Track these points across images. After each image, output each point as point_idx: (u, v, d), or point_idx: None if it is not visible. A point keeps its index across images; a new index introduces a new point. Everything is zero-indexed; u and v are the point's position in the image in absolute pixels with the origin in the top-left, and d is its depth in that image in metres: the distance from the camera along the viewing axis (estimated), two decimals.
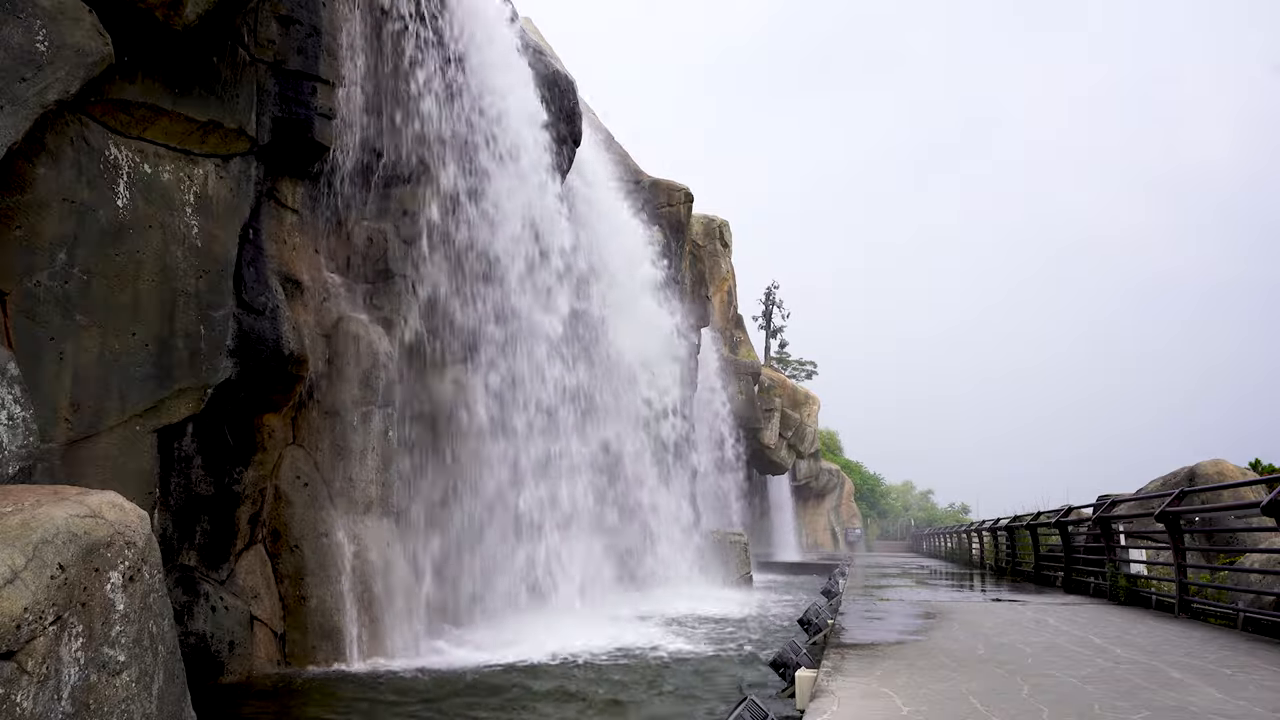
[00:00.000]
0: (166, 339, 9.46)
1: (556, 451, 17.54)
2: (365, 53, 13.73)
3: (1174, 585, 11.56)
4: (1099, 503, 15.66)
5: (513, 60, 17.47)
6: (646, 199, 28.01)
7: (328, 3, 11.83)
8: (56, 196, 8.47)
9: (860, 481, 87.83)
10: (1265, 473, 15.27)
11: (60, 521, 5.35)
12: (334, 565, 11.53)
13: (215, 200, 10.24)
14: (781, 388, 52.98)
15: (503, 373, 15.91)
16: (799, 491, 63.55)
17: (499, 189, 16.04)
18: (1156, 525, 12.00)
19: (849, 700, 5.60)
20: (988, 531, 27.32)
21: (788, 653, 8.82)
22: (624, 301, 24.07)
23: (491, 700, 9.36)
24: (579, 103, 19.87)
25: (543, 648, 12.58)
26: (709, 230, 39.19)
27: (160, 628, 6.00)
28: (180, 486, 10.20)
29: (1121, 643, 8.47)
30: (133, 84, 9.23)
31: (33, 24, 7.60)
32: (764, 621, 17.30)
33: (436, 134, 14.93)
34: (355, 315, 12.95)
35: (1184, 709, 5.41)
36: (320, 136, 11.60)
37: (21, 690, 4.77)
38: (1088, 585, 15.59)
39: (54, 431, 8.31)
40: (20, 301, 8.14)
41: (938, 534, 52.13)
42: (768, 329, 73.41)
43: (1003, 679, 6.42)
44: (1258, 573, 10.48)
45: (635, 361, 24.50)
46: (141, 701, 5.65)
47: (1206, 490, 12.06)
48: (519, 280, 16.36)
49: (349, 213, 13.60)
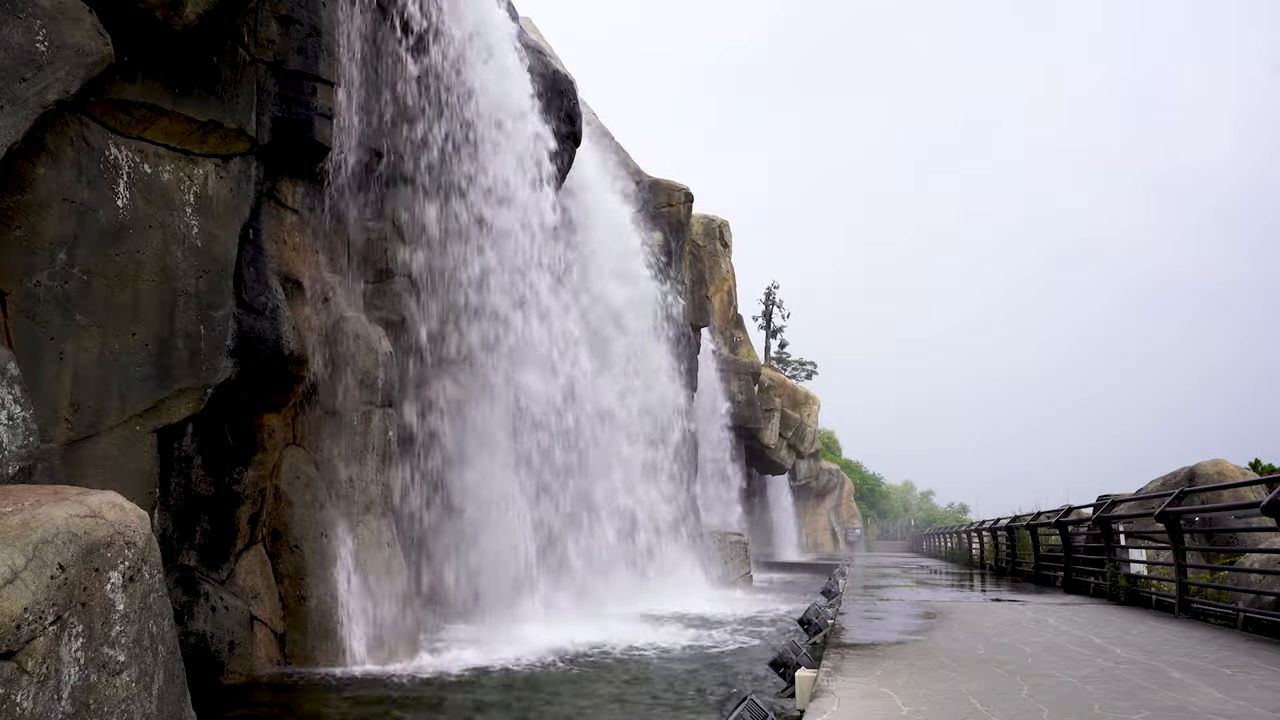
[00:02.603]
0: (166, 339, 9.46)
1: (556, 451, 17.54)
2: (365, 52, 13.72)
3: (1174, 585, 11.57)
4: (1099, 503, 15.66)
5: (513, 60, 17.46)
6: (646, 199, 28.00)
7: (328, 3, 11.82)
8: (56, 196, 8.47)
9: (860, 481, 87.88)
10: (1265, 473, 15.27)
11: (60, 521, 5.35)
12: (334, 565, 11.53)
13: (215, 200, 10.23)
14: (781, 388, 52.98)
15: (504, 372, 15.91)
16: (799, 491, 63.57)
17: (499, 189, 16.03)
18: (1156, 525, 12.00)
19: (849, 700, 5.60)
20: (988, 531, 27.32)
21: (788, 653, 8.81)
22: (624, 302, 24.06)
23: (491, 700, 9.36)
24: (579, 103, 19.86)
25: (543, 647, 12.58)
26: (709, 230, 39.18)
27: (160, 628, 6.00)
28: (180, 486, 10.20)
29: (1121, 643, 8.47)
30: (133, 84, 9.23)
31: (33, 24, 7.60)
32: (764, 621, 17.30)
33: (436, 134, 14.94)
34: (355, 315, 12.95)
35: (1184, 709, 5.40)
36: (320, 136, 11.59)
37: (21, 690, 4.77)
38: (1088, 585, 15.59)
39: (54, 431, 8.30)
40: (20, 301, 8.14)
41: (938, 534, 52.14)
42: (768, 329, 73.42)
43: (1003, 679, 6.42)
44: (1258, 573, 10.48)
45: (636, 362, 24.49)
46: (141, 701, 5.65)
47: (1206, 490, 12.06)
48: (520, 279, 16.36)
49: (349, 213, 13.60)
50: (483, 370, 15.51)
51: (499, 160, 16.13)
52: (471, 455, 15.18)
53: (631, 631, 14.79)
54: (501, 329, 15.90)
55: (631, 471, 22.75)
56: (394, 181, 14.46)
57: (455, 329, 15.05)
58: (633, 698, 9.54)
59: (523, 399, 16.40)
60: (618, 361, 23.20)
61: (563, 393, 17.92)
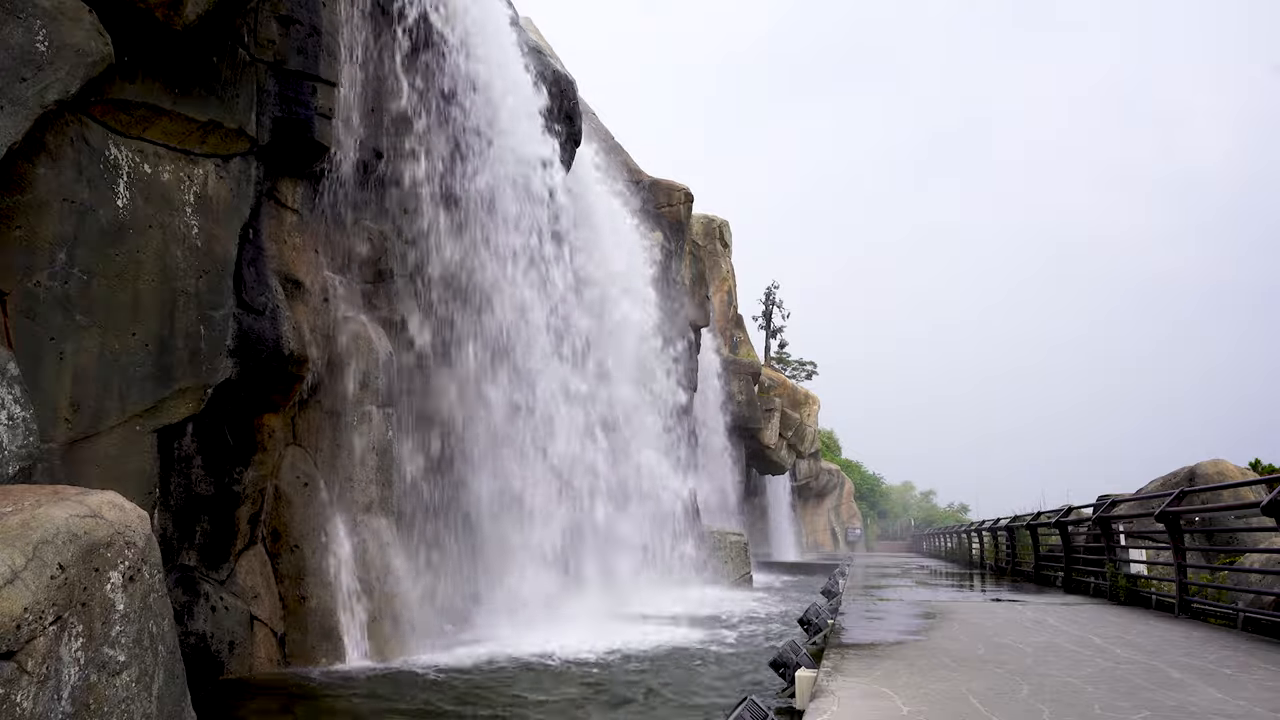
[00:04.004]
0: (166, 339, 9.46)
1: (556, 452, 17.54)
2: (365, 52, 13.73)
3: (1174, 585, 11.56)
4: (1099, 503, 15.66)
5: (513, 61, 17.47)
6: (646, 199, 28.01)
7: (328, 3, 11.82)
8: (56, 196, 8.47)
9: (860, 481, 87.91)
10: (1265, 473, 15.27)
11: (60, 521, 5.34)
12: (334, 565, 11.53)
13: (215, 200, 10.23)
14: (781, 388, 52.98)
15: (504, 372, 15.91)
16: (799, 491, 63.57)
17: (499, 189, 16.03)
18: (1156, 525, 12.00)
19: (849, 700, 5.60)
20: (988, 531, 27.32)
21: (788, 653, 8.81)
22: (626, 302, 24.07)
23: (491, 699, 9.35)
24: (579, 103, 19.87)
25: (542, 647, 12.58)
26: (709, 230, 39.20)
27: (160, 628, 6.00)
28: (180, 486, 10.20)
29: (1121, 643, 8.47)
30: (133, 84, 9.22)
31: (33, 24, 7.60)
32: (763, 621, 17.30)
33: (436, 134, 14.93)
34: (355, 315, 12.95)
35: (1184, 709, 5.40)
36: (320, 136, 11.59)
37: (21, 690, 4.77)
38: (1088, 585, 15.59)
39: (54, 431, 8.30)
40: (20, 301, 8.14)
41: (937, 534, 52.15)
42: (768, 329, 73.38)
43: (1003, 679, 6.42)
44: (1258, 573, 10.48)
45: (636, 362, 24.50)
46: (141, 701, 5.65)
47: (1206, 490, 12.06)
48: (520, 279, 16.36)
49: (349, 213, 13.59)
50: (483, 370, 15.51)
51: (498, 160, 16.13)
52: (472, 455, 15.19)
53: (631, 631, 14.78)
54: (502, 328, 15.91)
55: (632, 472, 22.75)
56: (394, 181, 14.46)
57: (456, 329, 15.04)
58: (633, 697, 9.54)
59: (523, 399, 16.39)
60: (618, 361, 23.20)
61: (563, 393, 17.92)
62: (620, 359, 23.37)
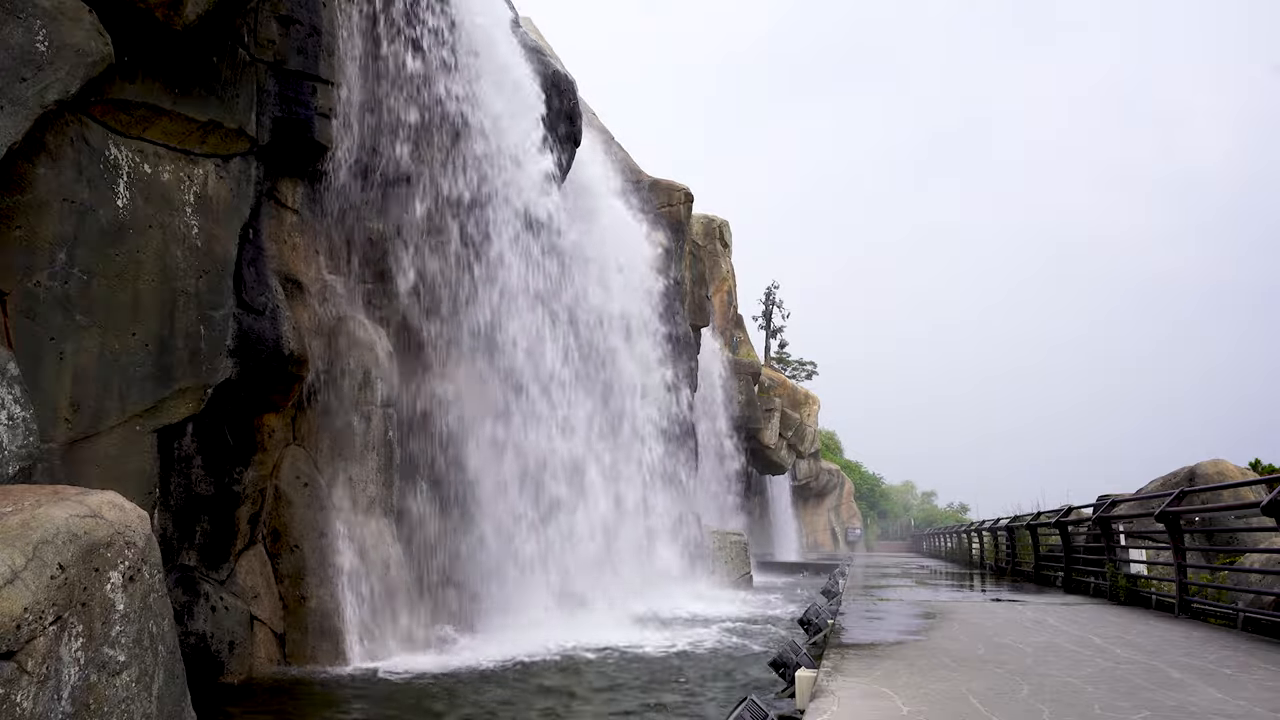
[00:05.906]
0: (166, 339, 9.46)
1: (557, 452, 17.54)
2: (365, 52, 13.72)
3: (1174, 585, 11.55)
4: (1099, 503, 15.65)
5: (513, 60, 17.47)
6: (646, 199, 27.99)
7: (328, 3, 11.83)
8: (56, 196, 8.47)
9: (860, 482, 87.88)
10: (1265, 473, 15.26)
11: (60, 521, 5.34)
12: (334, 565, 11.53)
13: (215, 200, 10.23)
14: (781, 388, 52.98)
15: (505, 372, 15.90)
16: (799, 491, 63.56)
17: (499, 189, 16.03)
18: (1156, 525, 11.99)
19: (849, 700, 5.60)
20: (988, 531, 27.32)
21: (788, 652, 8.81)
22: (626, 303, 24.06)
23: (490, 699, 9.35)
24: (579, 103, 19.87)
25: (542, 647, 12.59)
26: (709, 230, 39.18)
27: (160, 628, 6.00)
28: (180, 486, 10.20)
29: (1121, 643, 8.47)
30: (133, 84, 9.23)
31: (33, 24, 7.60)
32: (763, 621, 17.30)
33: (436, 134, 14.92)
34: (355, 315, 12.95)
35: (1184, 709, 5.40)
36: (320, 136, 11.60)
37: (21, 690, 4.77)
38: (1088, 585, 15.58)
39: (54, 431, 8.30)
40: (20, 301, 8.14)
41: (938, 534, 52.13)
42: (768, 329, 73.37)
43: (1003, 679, 6.41)
44: (1258, 573, 10.48)
45: (637, 363, 24.49)
46: (141, 701, 5.65)
47: (1206, 490, 12.05)
48: (520, 279, 16.35)
49: (349, 213, 13.60)
50: (483, 370, 15.51)
51: (499, 160, 16.13)
52: (472, 455, 15.18)
53: (630, 631, 14.79)
54: (502, 329, 15.90)
55: (632, 472, 22.75)
56: (394, 181, 14.46)
57: (456, 328, 15.04)
58: (632, 697, 9.54)
59: (523, 398, 16.39)
60: (618, 361, 23.19)
61: (564, 392, 17.91)
62: (620, 357, 23.37)
